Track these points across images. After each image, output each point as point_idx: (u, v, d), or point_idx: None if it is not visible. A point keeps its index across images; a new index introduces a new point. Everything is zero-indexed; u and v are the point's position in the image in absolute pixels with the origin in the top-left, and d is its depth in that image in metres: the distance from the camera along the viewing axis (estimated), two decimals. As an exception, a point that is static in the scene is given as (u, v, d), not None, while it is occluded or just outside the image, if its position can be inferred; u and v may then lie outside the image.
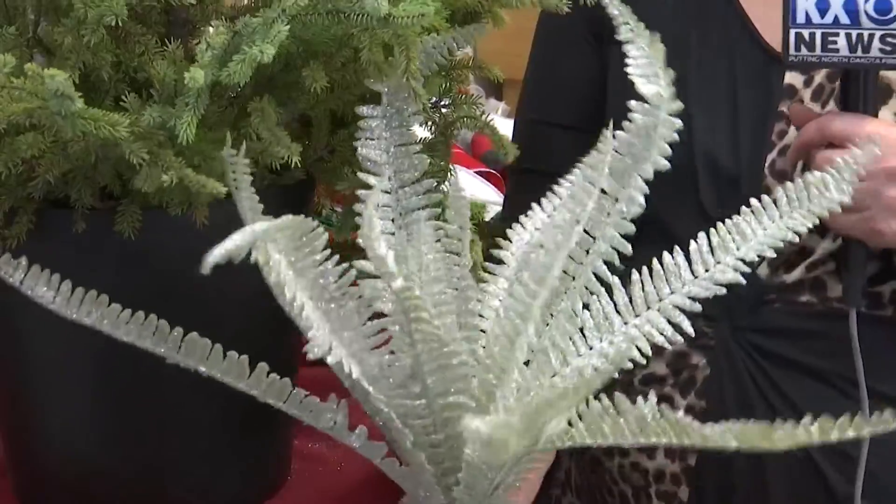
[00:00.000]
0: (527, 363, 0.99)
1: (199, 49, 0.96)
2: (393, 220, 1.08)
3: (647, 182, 1.03)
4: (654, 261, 1.05)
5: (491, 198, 1.89)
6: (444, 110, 1.23)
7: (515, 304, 0.93)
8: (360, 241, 0.87)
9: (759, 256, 1.06)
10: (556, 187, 1.11)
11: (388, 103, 1.10)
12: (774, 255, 1.33)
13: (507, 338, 0.93)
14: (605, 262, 1.03)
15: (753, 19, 1.43)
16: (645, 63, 1.01)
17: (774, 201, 1.10)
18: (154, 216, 1.08)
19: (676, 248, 1.06)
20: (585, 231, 1.02)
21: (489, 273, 1.08)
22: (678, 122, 1.00)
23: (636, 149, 1.02)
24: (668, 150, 1.01)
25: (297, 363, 1.22)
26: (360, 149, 1.08)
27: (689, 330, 1.05)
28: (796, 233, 1.09)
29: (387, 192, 1.08)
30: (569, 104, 1.53)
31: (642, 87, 1.00)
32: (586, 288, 1.03)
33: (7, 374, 1.23)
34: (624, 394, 1.44)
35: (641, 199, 1.02)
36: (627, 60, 1.01)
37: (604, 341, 1.03)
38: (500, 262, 1.09)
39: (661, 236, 1.09)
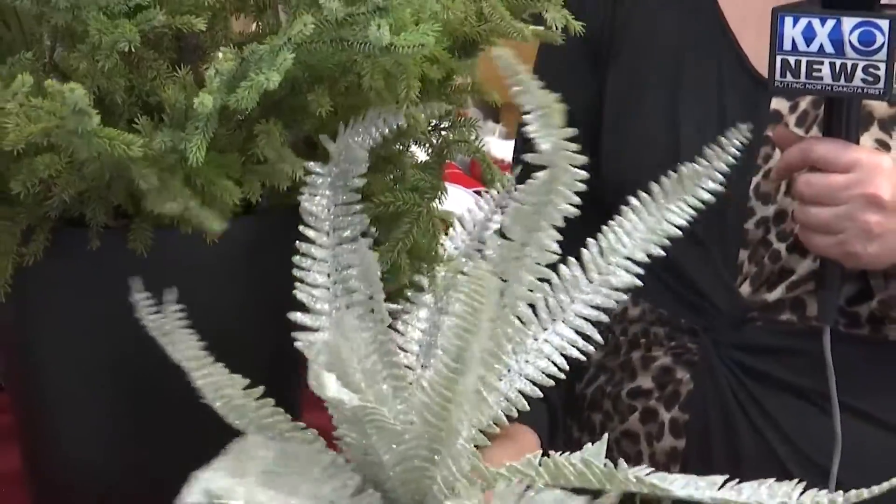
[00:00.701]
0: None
1: (208, 75, 0.97)
2: (329, 276, 1.09)
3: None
4: (553, 274, 1.06)
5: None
6: (443, 133, 1.23)
7: (441, 382, 0.92)
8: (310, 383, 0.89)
9: (648, 256, 1.07)
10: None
11: (335, 163, 1.11)
12: (755, 271, 1.35)
13: (439, 407, 0.92)
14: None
15: (744, 46, 1.43)
16: (541, 117, 1.00)
17: (651, 196, 1.11)
18: (166, 234, 1.08)
19: (571, 259, 1.08)
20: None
21: (410, 302, 1.09)
22: (582, 173, 1.00)
23: (539, 200, 1.02)
24: (575, 198, 1.01)
25: (300, 371, 1.23)
26: (302, 202, 1.09)
27: (598, 338, 1.07)
28: (676, 225, 1.10)
29: (325, 248, 1.10)
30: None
31: (541, 141, 1.00)
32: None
33: (23, 388, 1.24)
34: (612, 406, 1.46)
35: (555, 247, 1.03)
36: (525, 116, 1.00)
37: (520, 360, 1.04)
38: (420, 288, 1.11)
39: (656, 265, 1.11)
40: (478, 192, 1.87)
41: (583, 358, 1.07)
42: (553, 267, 1.05)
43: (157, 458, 1.18)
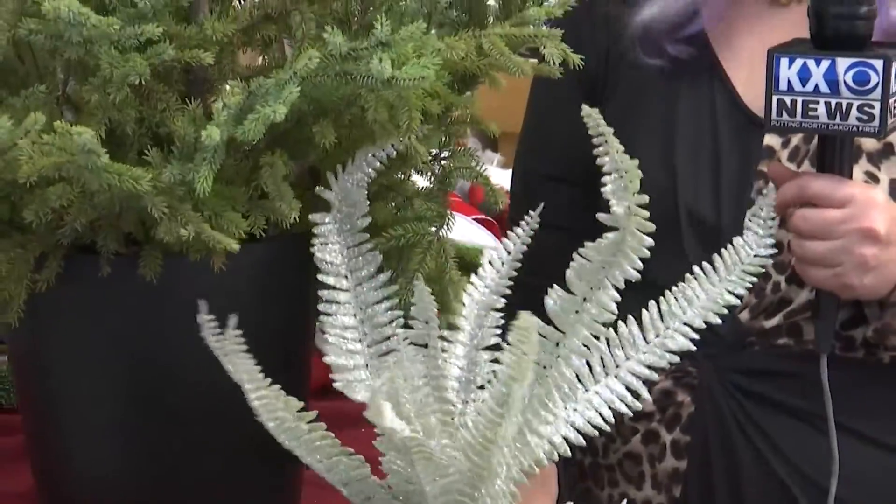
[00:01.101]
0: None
1: (216, 107, 0.98)
2: (355, 315, 1.09)
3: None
4: (610, 330, 1.06)
5: (487, 242, 1.90)
6: (443, 162, 1.24)
7: (485, 424, 0.92)
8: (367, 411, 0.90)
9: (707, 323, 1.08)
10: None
11: (337, 209, 1.12)
12: (755, 301, 1.36)
13: (481, 446, 0.92)
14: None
15: (736, 84, 1.44)
16: (617, 179, 1.01)
17: (714, 267, 1.11)
18: (175, 261, 1.08)
19: (631, 318, 1.08)
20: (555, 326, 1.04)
21: (446, 340, 1.09)
22: (648, 241, 1.01)
23: (606, 259, 1.03)
24: (639, 263, 1.02)
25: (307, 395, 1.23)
26: (315, 253, 1.10)
27: (647, 397, 1.07)
28: (736, 295, 1.11)
29: (346, 291, 1.10)
30: (561, 159, 1.53)
31: (615, 203, 1.01)
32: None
33: (36, 409, 1.24)
34: (615, 428, 1.46)
35: (613, 307, 1.03)
36: (604, 177, 1.01)
37: (568, 409, 1.05)
38: (455, 327, 1.11)
39: (646, 285, 1.10)
40: (477, 220, 1.89)
41: (630, 413, 1.07)
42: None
43: (166, 475, 1.19)
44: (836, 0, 1.17)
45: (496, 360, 1.04)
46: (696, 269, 1.11)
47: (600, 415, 1.05)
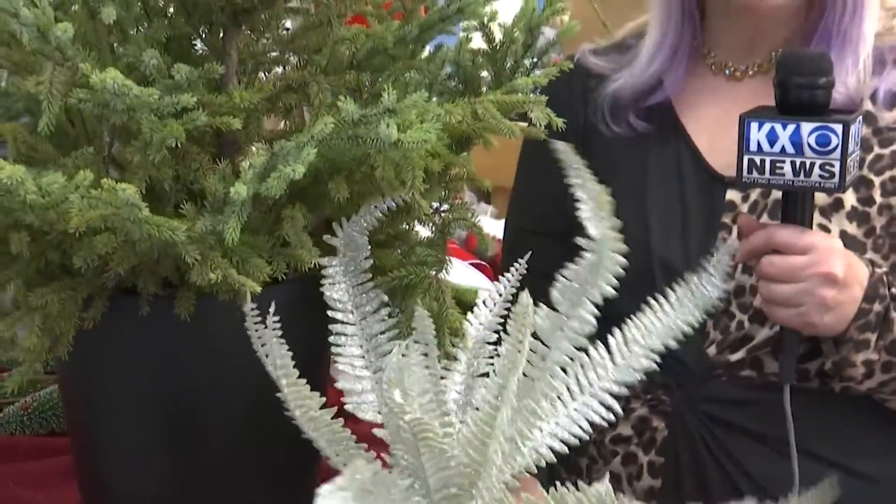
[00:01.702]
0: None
1: (242, 167, 0.98)
2: (361, 346, 1.12)
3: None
4: (583, 355, 1.08)
5: (481, 284, 1.90)
6: (442, 214, 1.25)
7: (482, 418, 0.95)
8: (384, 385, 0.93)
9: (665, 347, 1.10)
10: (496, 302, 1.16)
11: (342, 253, 1.14)
12: (720, 337, 1.37)
13: (479, 441, 0.95)
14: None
15: (699, 146, 1.45)
16: (592, 207, 1.04)
17: (668, 300, 1.14)
18: (206, 301, 1.09)
19: (599, 343, 1.10)
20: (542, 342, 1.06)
21: (445, 369, 1.11)
22: (622, 260, 1.04)
23: (585, 279, 1.06)
24: (615, 281, 1.05)
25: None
26: (325, 291, 1.12)
27: (619, 411, 1.09)
28: (688, 324, 1.14)
29: (353, 325, 1.13)
30: (545, 215, 1.54)
31: (591, 228, 1.04)
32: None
33: (83, 433, 1.25)
34: (596, 451, 1.47)
35: (593, 321, 1.06)
36: (578, 204, 1.04)
37: (551, 423, 1.07)
38: (454, 358, 1.13)
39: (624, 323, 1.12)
40: (472, 264, 1.89)
41: (605, 424, 1.09)
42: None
43: (201, 495, 1.20)
44: (798, 72, 1.19)
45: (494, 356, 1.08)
46: (652, 301, 1.13)
47: (580, 427, 1.07)
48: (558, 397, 1.07)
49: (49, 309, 1.09)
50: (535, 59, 1.22)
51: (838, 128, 1.17)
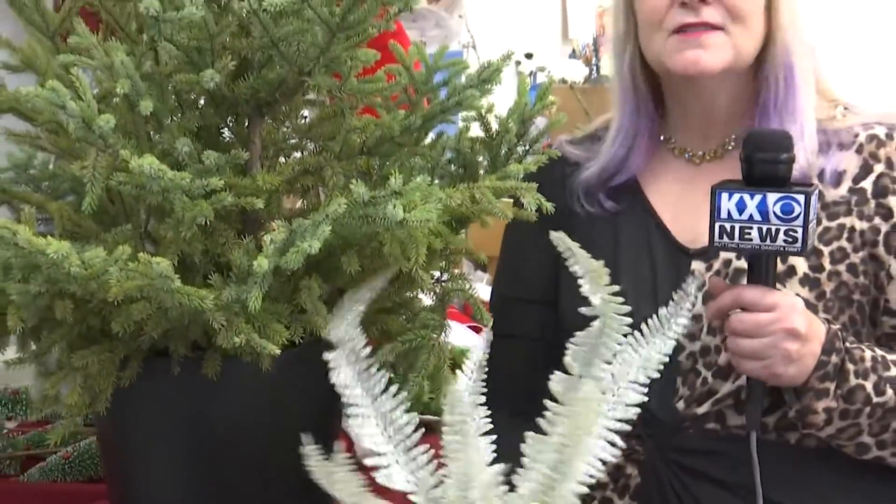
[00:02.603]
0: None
1: (265, 242, 0.98)
2: (377, 424, 1.08)
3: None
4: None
5: (478, 343, 1.90)
6: (443, 284, 1.24)
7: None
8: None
9: (649, 378, 1.08)
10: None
11: (342, 345, 1.11)
12: (688, 393, 1.36)
13: None
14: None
15: (665, 222, 1.44)
16: (590, 279, 1.03)
17: (642, 334, 1.12)
18: (231, 362, 1.08)
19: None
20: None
21: None
22: (627, 319, 1.03)
23: (594, 341, 1.05)
24: (622, 338, 1.04)
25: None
26: (332, 379, 1.09)
27: (622, 445, 1.05)
28: (664, 353, 1.12)
29: (366, 406, 1.10)
30: (530, 283, 1.51)
31: (593, 298, 1.03)
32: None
33: (120, 483, 1.23)
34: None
35: (606, 376, 1.06)
36: (578, 280, 1.03)
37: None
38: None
39: None
40: (471, 328, 1.89)
41: (614, 461, 1.06)
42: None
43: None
44: (762, 148, 1.19)
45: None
46: (628, 338, 1.11)
47: (594, 467, 1.05)
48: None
49: (90, 369, 1.08)
50: (527, 147, 1.21)
51: (801, 198, 1.17)
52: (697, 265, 1.40)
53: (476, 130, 1.25)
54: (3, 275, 1.02)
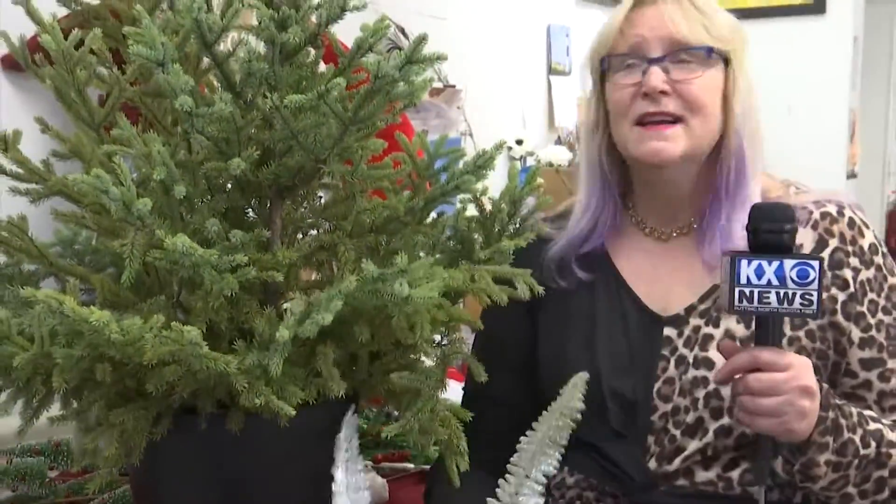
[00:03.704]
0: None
1: (285, 313, 0.99)
2: None
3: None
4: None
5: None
6: (443, 347, 1.22)
7: None
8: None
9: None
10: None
11: (346, 442, 1.13)
12: (658, 450, 1.34)
13: None
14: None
15: (639, 294, 1.42)
16: None
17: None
18: (252, 419, 1.07)
19: None
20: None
21: None
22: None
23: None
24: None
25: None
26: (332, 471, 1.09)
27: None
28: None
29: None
30: (510, 353, 1.47)
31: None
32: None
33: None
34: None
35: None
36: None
37: None
38: None
39: (580, 444, 1.08)
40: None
41: None
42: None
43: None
44: (768, 219, 1.17)
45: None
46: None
47: None
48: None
49: (125, 425, 1.07)
50: (518, 225, 1.21)
51: (815, 264, 1.15)
52: (669, 331, 1.38)
53: (472, 210, 1.25)
54: (50, 340, 1.01)
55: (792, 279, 1.15)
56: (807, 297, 1.15)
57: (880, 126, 5.42)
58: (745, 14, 5.05)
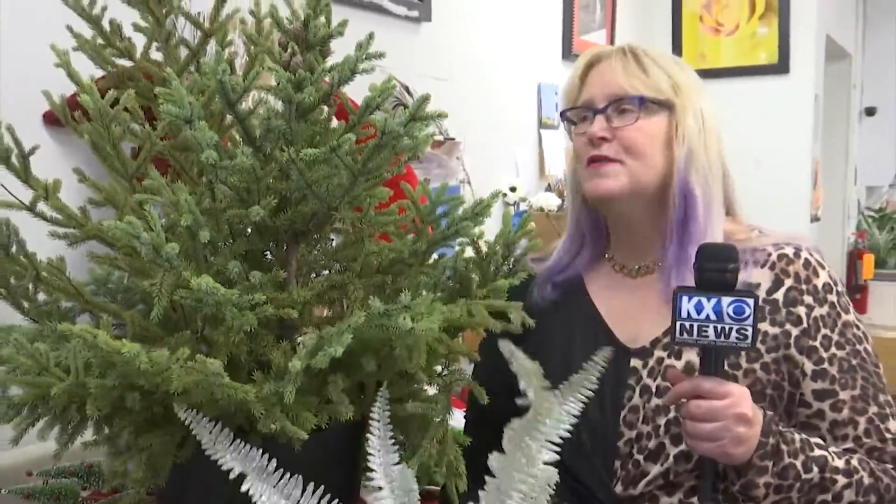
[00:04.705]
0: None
1: (299, 346, 0.99)
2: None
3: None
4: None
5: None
6: (444, 376, 1.23)
7: None
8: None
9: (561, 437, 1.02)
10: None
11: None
12: (624, 474, 1.32)
13: None
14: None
15: (611, 326, 1.43)
16: (525, 377, 0.98)
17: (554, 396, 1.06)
18: (269, 442, 1.05)
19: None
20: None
21: None
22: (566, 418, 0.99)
23: (528, 426, 0.99)
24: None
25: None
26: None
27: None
28: (573, 414, 1.05)
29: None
30: (506, 383, 1.44)
31: (528, 391, 0.99)
32: None
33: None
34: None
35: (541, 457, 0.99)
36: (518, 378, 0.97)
37: None
38: None
39: (560, 469, 1.06)
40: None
41: None
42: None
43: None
44: (713, 259, 1.17)
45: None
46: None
47: None
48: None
49: (153, 449, 1.07)
50: (511, 266, 1.21)
51: (750, 301, 1.14)
52: (636, 362, 1.38)
53: (470, 252, 1.25)
54: (84, 371, 1.01)
55: (729, 315, 1.15)
56: (742, 331, 1.15)
57: (840, 174, 5.43)
58: (717, 74, 5.06)
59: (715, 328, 1.15)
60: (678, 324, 1.16)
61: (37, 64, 1.39)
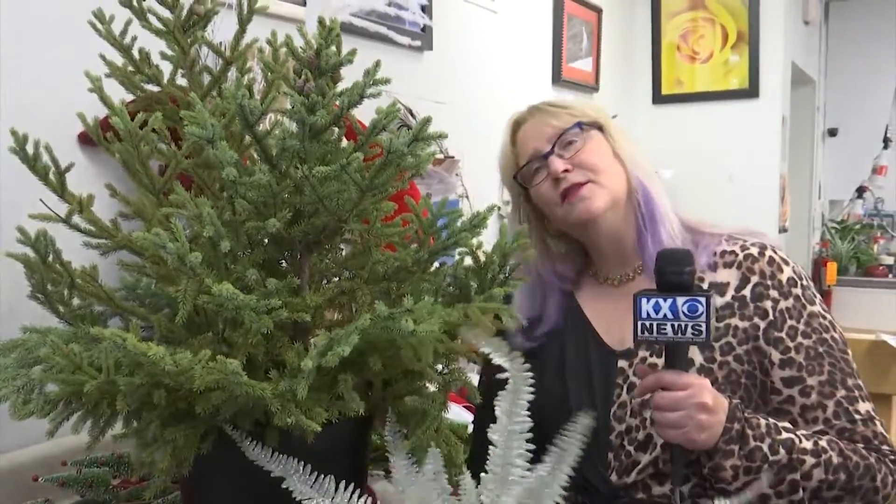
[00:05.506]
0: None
1: (310, 346, 0.98)
2: None
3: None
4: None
5: (470, 419, 1.87)
6: (444, 375, 1.22)
7: None
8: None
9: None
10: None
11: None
12: (617, 464, 1.32)
13: None
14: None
15: (598, 331, 1.44)
16: (498, 354, 0.98)
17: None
18: (285, 435, 1.06)
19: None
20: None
21: None
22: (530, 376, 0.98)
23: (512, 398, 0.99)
24: (531, 389, 0.97)
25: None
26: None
27: None
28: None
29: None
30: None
31: (504, 365, 0.98)
32: None
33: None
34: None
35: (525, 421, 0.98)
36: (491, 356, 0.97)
37: None
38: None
39: None
40: (465, 408, 1.87)
41: None
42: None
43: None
44: (670, 263, 1.17)
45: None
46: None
47: None
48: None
49: (177, 441, 1.07)
50: (507, 274, 1.21)
51: (703, 300, 1.15)
52: (622, 363, 1.39)
53: (469, 261, 1.25)
54: (115, 370, 1.01)
55: (684, 313, 1.15)
56: (697, 327, 1.15)
57: (805, 189, 5.43)
58: (693, 98, 5.04)
59: (672, 326, 1.16)
60: (639, 323, 1.17)
61: (72, 88, 1.39)
